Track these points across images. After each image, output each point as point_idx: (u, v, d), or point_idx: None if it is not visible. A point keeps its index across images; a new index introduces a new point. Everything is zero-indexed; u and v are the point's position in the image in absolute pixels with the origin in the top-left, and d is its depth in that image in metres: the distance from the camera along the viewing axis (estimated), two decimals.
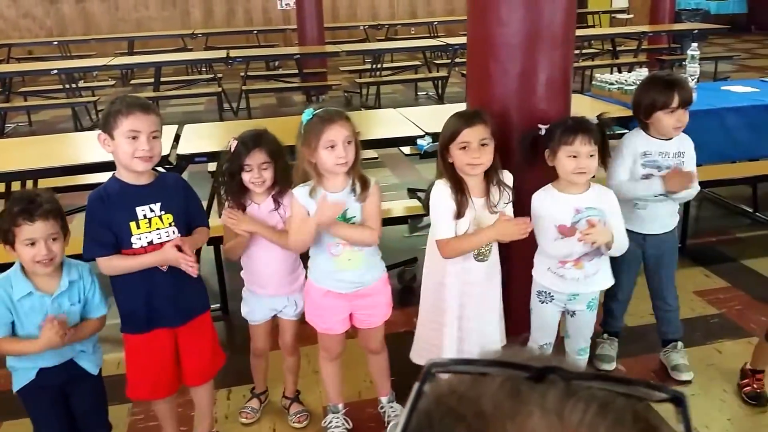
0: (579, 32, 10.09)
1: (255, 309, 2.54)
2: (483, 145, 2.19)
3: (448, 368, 0.45)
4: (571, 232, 2.30)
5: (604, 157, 2.32)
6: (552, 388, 0.41)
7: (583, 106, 4.26)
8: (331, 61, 8.83)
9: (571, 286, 2.38)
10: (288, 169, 2.41)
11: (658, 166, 2.60)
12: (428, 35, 10.72)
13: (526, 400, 0.41)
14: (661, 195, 2.59)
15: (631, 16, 12.83)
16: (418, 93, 8.55)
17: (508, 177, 2.32)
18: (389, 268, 3.53)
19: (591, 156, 2.23)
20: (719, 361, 2.95)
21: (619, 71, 7.88)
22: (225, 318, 3.47)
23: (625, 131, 4.31)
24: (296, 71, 8.09)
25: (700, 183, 4.20)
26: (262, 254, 2.45)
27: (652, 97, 2.53)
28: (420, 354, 2.46)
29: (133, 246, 2.10)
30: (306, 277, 2.46)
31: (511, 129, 2.48)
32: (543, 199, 2.32)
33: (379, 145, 4.04)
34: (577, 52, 9.48)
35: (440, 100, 7.87)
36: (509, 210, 2.30)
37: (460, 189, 2.24)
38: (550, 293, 2.43)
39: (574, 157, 2.23)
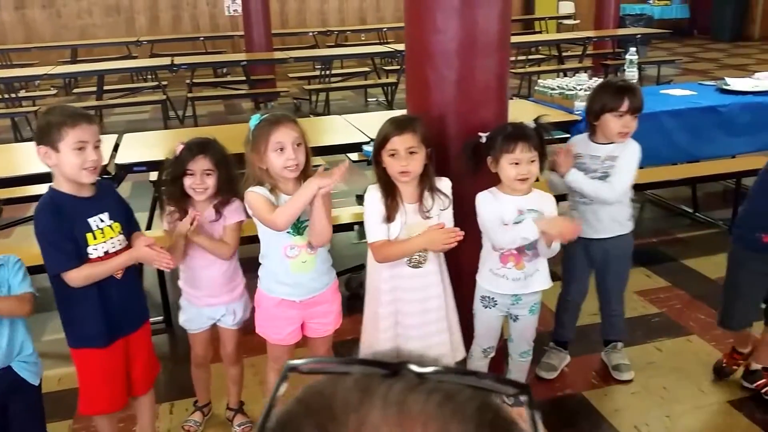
0: (525, 38, 10.32)
1: (192, 318, 2.50)
2: (411, 153, 2.20)
3: (306, 368, 0.46)
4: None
5: (543, 160, 2.34)
6: (400, 381, 0.43)
7: (526, 111, 4.34)
8: (280, 67, 8.76)
9: (513, 287, 2.40)
10: (232, 180, 2.38)
11: (585, 168, 2.64)
12: (378, 41, 10.75)
13: (373, 393, 0.42)
14: (585, 198, 2.64)
15: (577, 21, 13.11)
16: (368, 99, 8.56)
17: (445, 184, 2.33)
18: (337, 275, 3.55)
19: (532, 162, 2.27)
20: (659, 360, 3.02)
21: (565, 76, 8.05)
22: (168, 330, 3.41)
23: (567, 135, 4.43)
24: (244, 78, 8.00)
25: (642, 185, 4.38)
26: (200, 262, 2.41)
27: (603, 100, 2.59)
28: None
29: (90, 257, 2.08)
30: (255, 286, 2.42)
31: (450, 135, 2.49)
32: (486, 199, 2.34)
33: (326, 152, 4.02)
34: (523, 57, 9.66)
35: (390, 106, 7.90)
36: (446, 216, 2.30)
37: (390, 194, 2.26)
38: (493, 298, 2.45)
39: (516, 164, 2.26)
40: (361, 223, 4.01)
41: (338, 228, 3.66)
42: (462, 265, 2.50)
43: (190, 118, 7.42)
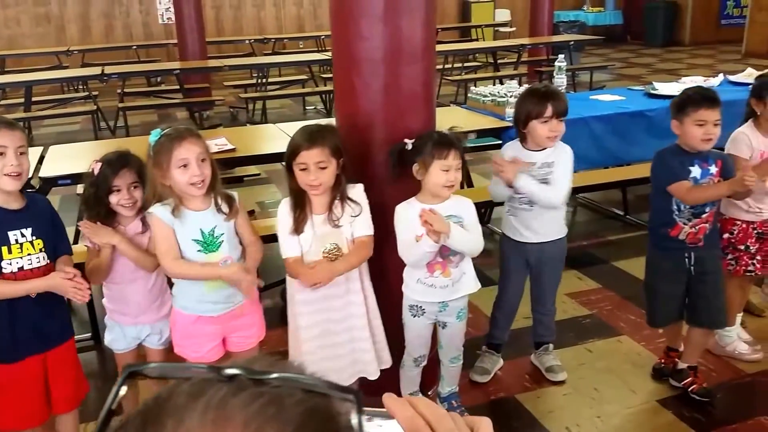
0: (460, 45, 10.45)
1: (118, 337, 2.41)
2: (321, 168, 2.18)
3: (147, 372, 0.48)
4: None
5: (462, 169, 2.37)
6: (229, 385, 0.45)
7: (459, 118, 4.39)
8: (216, 75, 8.63)
9: (442, 295, 2.41)
10: None
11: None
12: (316, 49, 10.71)
13: (199, 397, 0.44)
14: (525, 198, 2.67)
15: (513, 29, 13.36)
16: (306, 108, 8.51)
17: (357, 190, 2.30)
18: (271, 285, 3.49)
19: (458, 169, 2.29)
20: (590, 361, 3.08)
21: (501, 83, 8.18)
22: (97, 347, 3.29)
23: (500, 142, 4.48)
24: (178, 87, 7.84)
25: (574, 189, 4.46)
26: (124, 279, 2.33)
27: (528, 108, 2.62)
28: None
29: (3, 271, 2.02)
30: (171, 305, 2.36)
31: (377, 142, 2.48)
32: (406, 211, 2.33)
33: (261, 161, 3.96)
34: (459, 65, 9.78)
35: (329, 114, 7.87)
36: (358, 223, 2.28)
37: (300, 205, 2.25)
38: (421, 307, 2.45)
39: (447, 170, 2.26)
40: None
41: (275, 237, 3.60)
42: (388, 272, 2.49)
43: (122, 129, 7.22)
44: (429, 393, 2.77)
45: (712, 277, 2.66)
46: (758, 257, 2.88)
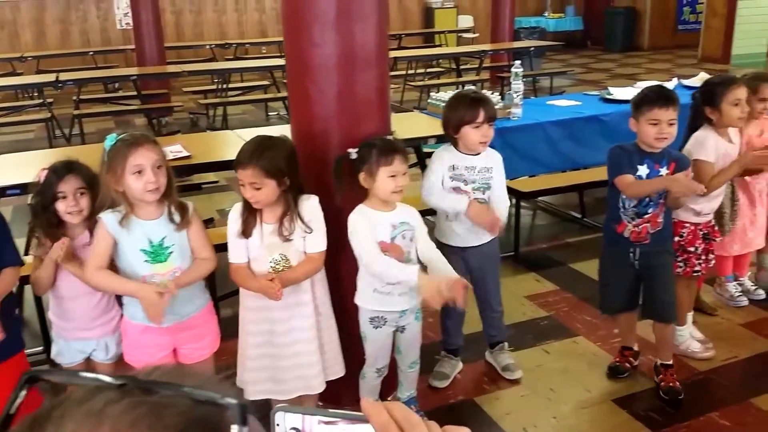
0: (424, 51, 10.52)
1: (63, 351, 2.36)
2: (256, 188, 2.16)
3: (46, 377, 0.50)
4: (392, 248, 2.33)
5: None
6: (117, 393, 0.46)
7: (419, 123, 4.41)
8: (176, 81, 8.53)
9: (401, 302, 2.41)
10: None
11: (465, 179, 2.69)
12: (279, 54, 10.67)
13: (84, 403, 0.45)
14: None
15: (476, 35, 13.50)
16: (269, 113, 8.46)
17: (310, 205, 2.26)
18: (229, 294, 3.45)
19: (404, 174, 2.30)
20: (547, 362, 3.11)
21: (464, 89, 8.23)
22: (49, 361, 3.19)
23: None
24: (136, 93, 7.72)
25: (533, 193, 4.53)
26: (69, 292, 2.28)
27: (460, 113, 2.63)
28: (247, 389, 2.38)
29: None
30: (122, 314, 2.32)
31: (332, 149, 2.47)
32: (360, 222, 2.32)
33: (218, 168, 3.92)
34: (422, 70, 9.84)
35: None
36: (311, 242, 2.26)
37: (250, 211, 2.24)
38: (383, 317, 2.44)
39: (394, 176, 2.27)
40: None
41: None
42: (342, 281, 2.49)
43: (78, 137, 7.08)
44: (388, 399, 2.77)
45: (659, 271, 2.72)
46: (703, 257, 2.95)
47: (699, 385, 2.88)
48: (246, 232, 2.22)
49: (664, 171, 2.62)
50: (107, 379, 0.48)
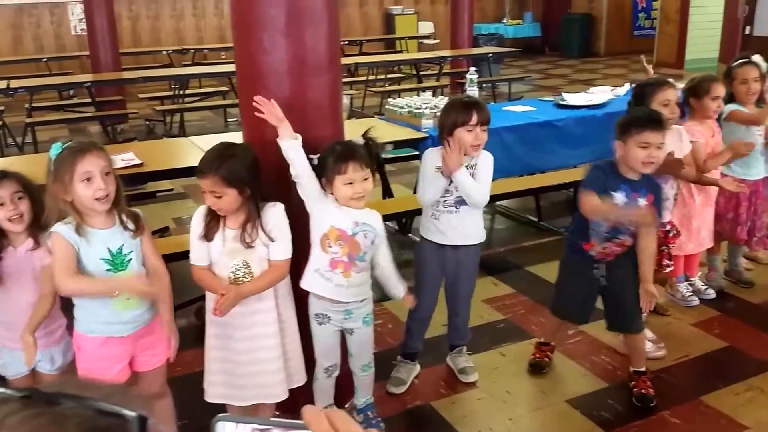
0: (383, 57, 10.56)
1: (7, 363, 2.31)
2: (216, 197, 2.16)
3: None
4: (350, 242, 2.33)
5: (375, 173, 2.38)
6: (20, 404, 0.48)
7: (378, 129, 4.41)
8: (133, 87, 8.39)
9: (334, 292, 2.38)
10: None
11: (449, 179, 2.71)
12: None
13: None
14: (450, 200, 2.71)
15: (437, 41, 13.60)
16: (228, 120, 8.38)
17: (275, 213, 2.26)
18: (186, 304, 3.41)
19: (365, 179, 2.30)
20: (503, 364, 3.14)
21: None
22: None
23: (416, 152, 4.54)
24: (90, 100, 7.58)
25: (491, 197, 4.56)
26: (12, 303, 2.23)
27: (454, 116, 2.66)
28: (207, 390, 2.37)
29: None
30: (71, 328, 2.27)
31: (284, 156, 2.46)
32: (323, 208, 2.33)
33: (171, 176, 3.86)
34: (382, 76, 9.87)
35: None
36: (273, 247, 2.25)
37: (214, 214, 2.24)
38: (326, 314, 2.45)
39: (350, 183, 2.27)
40: None
41: (188, 254, 3.51)
42: (300, 288, 2.48)
43: (30, 145, 6.92)
44: (346, 406, 2.76)
45: (625, 284, 2.73)
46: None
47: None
48: (208, 236, 2.23)
49: (642, 201, 2.60)
50: (10, 391, 0.49)
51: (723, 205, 3.57)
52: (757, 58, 3.58)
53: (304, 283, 2.43)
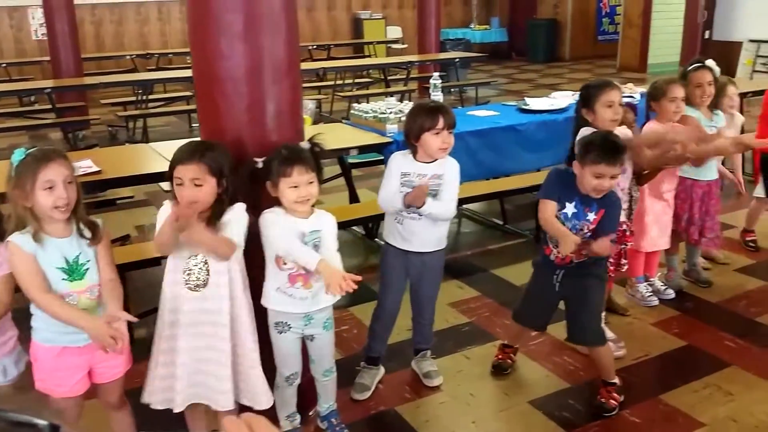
0: (353, 62, 10.57)
1: None
2: (197, 184, 2.16)
3: None
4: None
5: (320, 179, 2.37)
6: None
7: (343, 134, 4.43)
8: (96, 93, 8.26)
9: (301, 306, 2.40)
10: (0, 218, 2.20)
11: (413, 186, 2.71)
12: None
13: None
14: (412, 212, 2.72)
15: (405, 46, 13.67)
16: (192, 125, 8.30)
17: (237, 209, 2.27)
18: (149, 312, 3.35)
19: (310, 183, 2.29)
20: (467, 367, 3.16)
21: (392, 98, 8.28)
22: None
23: (381, 157, 4.55)
24: (51, 107, 7.43)
25: (458, 201, 4.58)
26: None
27: (420, 121, 2.67)
28: (147, 393, 2.35)
29: None
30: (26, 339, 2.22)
31: (245, 161, 2.44)
32: (271, 221, 2.32)
33: (130, 183, 3.81)
34: (350, 81, 9.88)
35: None
36: (228, 229, 2.23)
37: None
38: (286, 322, 2.44)
39: (295, 187, 2.27)
40: None
41: (150, 262, 3.48)
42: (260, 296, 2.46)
43: None
44: (309, 413, 2.75)
45: (582, 295, 2.75)
46: (611, 259, 3.06)
47: None
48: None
49: (592, 217, 2.65)
50: None
51: (679, 206, 3.64)
52: (710, 62, 3.67)
53: (267, 302, 2.43)
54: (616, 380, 2.84)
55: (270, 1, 2.32)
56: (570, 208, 2.66)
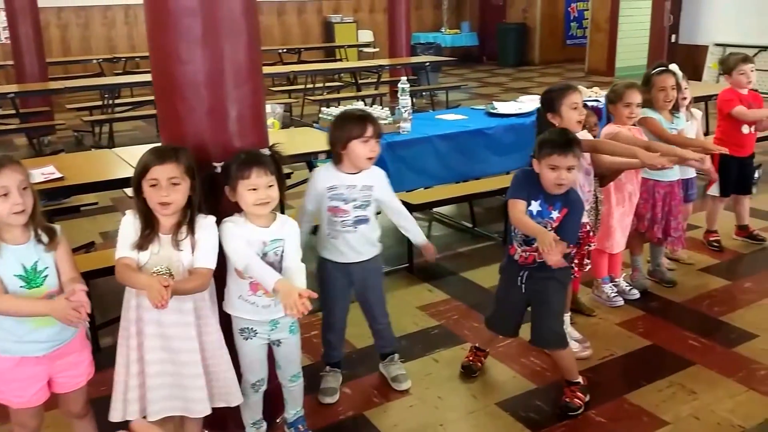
0: (323, 65, 10.55)
1: None
2: (173, 183, 2.15)
3: None
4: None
5: (282, 185, 2.36)
6: None
7: (310, 138, 4.42)
8: (62, 98, 8.12)
9: (264, 314, 2.38)
10: None
11: (344, 198, 2.71)
12: None
13: None
14: (349, 221, 2.73)
15: (376, 50, 13.68)
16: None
17: (207, 222, 2.26)
18: (111, 322, 3.30)
19: (270, 186, 2.28)
20: (436, 370, 3.16)
21: (364, 102, 8.31)
22: None
23: None
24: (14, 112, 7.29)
25: (426, 204, 4.60)
26: None
27: (348, 129, 2.65)
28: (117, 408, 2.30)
29: None
30: None
31: (205, 168, 2.41)
32: (230, 227, 2.30)
33: (94, 189, 3.74)
34: (320, 85, 9.86)
35: None
36: (198, 254, 2.22)
37: (150, 224, 2.19)
38: (252, 329, 2.42)
39: (254, 189, 2.25)
40: None
41: (114, 270, 3.41)
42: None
43: None
44: (277, 420, 2.73)
45: (544, 297, 2.77)
46: (576, 260, 3.09)
47: None
48: (143, 247, 2.17)
49: (555, 215, 2.67)
50: None
51: (642, 206, 3.70)
52: (673, 66, 3.74)
53: (230, 309, 2.41)
54: (580, 380, 2.87)
55: (230, 4, 2.30)
56: (535, 206, 2.68)
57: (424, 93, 9.93)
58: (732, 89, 4.30)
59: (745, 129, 4.31)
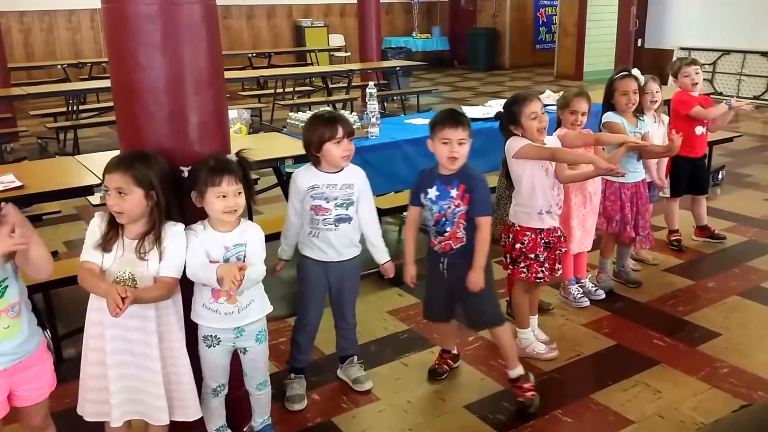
0: (293, 70, 10.53)
1: None
2: (120, 193, 2.14)
3: None
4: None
5: (251, 193, 2.36)
6: None
7: (277, 144, 4.39)
8: (25, 104, 7.98)
9: (228, 321, 2.37)
10: None
11: (326, 197, 2.73)
12: None
13: None
14: (330, 218, 2.76)
15: (348, 54, 13.69)
16: None
17: (174, 231, 2.24)
18: (77, 331, 3.24)
19: (239, 194, 2.27)
20: (405, 375, 3.16)
21: (335, 107, 8.30)
22: None
23: None
24: None
25: (397, 209, 4.60)
26: None
27: (320, 132, 2.68)
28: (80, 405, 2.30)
29: None
30: None
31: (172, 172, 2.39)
32: (192, 237, 2.28)
33: (55, 198, 3.66)
34: (290, 89, 9.83)
35: None
36: (164, 262, 2.21)
37: (114, 226, 2.20)
38: (216, 336, 2.40)
39: (223, 197, 2.23)
40: None
41: (77, 279, 3.35)
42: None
43: None
44: (244, 429, 2.70)
45: (465, 281, 2.76)
46: (546, 265, 3.11)
47: (544, 386, 3.01)
48: (106, 248, 2.18)
49: (454, 192, 2.73)
50: None
51: (610, 208, 3.74)
52: (636, 71, 3.79)
53: (195, 317, 2.40)
54: (520, 369, 2.90)
55: (189, 10, 2.28)
56: (432, 192, 2.77)
57: (395, 97, 9.96)
58: (684, 91, 4.39)
59: (699, 130, 4.41)
